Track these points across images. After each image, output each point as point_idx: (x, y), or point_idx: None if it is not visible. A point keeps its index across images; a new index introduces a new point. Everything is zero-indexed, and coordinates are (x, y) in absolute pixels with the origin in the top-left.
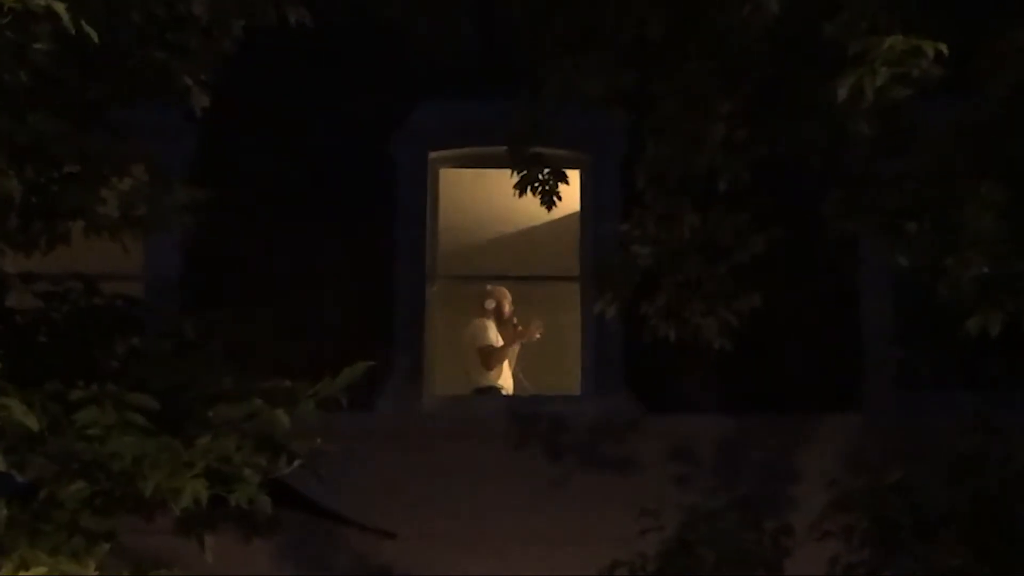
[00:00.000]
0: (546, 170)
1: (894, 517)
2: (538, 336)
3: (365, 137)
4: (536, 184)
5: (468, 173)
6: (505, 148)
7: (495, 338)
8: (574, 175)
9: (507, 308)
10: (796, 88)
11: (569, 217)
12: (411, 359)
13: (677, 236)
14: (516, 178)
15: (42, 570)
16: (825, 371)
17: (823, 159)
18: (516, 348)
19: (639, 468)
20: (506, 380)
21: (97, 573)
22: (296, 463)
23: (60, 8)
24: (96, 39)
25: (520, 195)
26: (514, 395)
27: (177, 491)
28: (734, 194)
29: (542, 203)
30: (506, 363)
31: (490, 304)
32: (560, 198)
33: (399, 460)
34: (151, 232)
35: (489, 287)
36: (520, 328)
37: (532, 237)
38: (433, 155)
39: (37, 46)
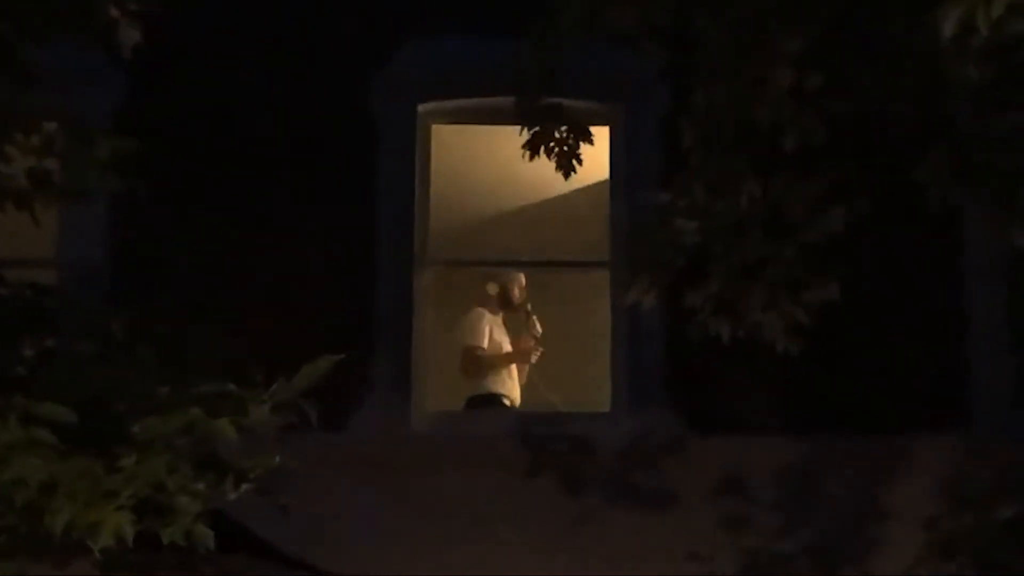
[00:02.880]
0: (564, 127)
1: (1008, 563)
2: (536, 337)
3: (336, 85)
4: (552, 144)
5: (467, 131)
6: (513, 99)
7: (490, 335)
8: (601, 133)
9: (517, 294)
10: (884, 22)
11: (596, 186)
12: (395, 365)
13: (732, 208)
14: (526, 137)
15: None
16: (920, 381)
17: (919, 112)
18: (530, 348)
19: (683, 502)
20: (511, 388)
21: None
22: (245, 487)
23: None
24: None
25: (531, 158)
26: (525, 410)
27: (96, 526)
28: (805, 156)
29: (558, 168)
30: (513, 367)
31: (493, 289)
32: (581, 162)
33: (379, 491)
34: (68, 201)
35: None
36: (534, 320)
37: (548, 212)
38: (423, 108)
39: None
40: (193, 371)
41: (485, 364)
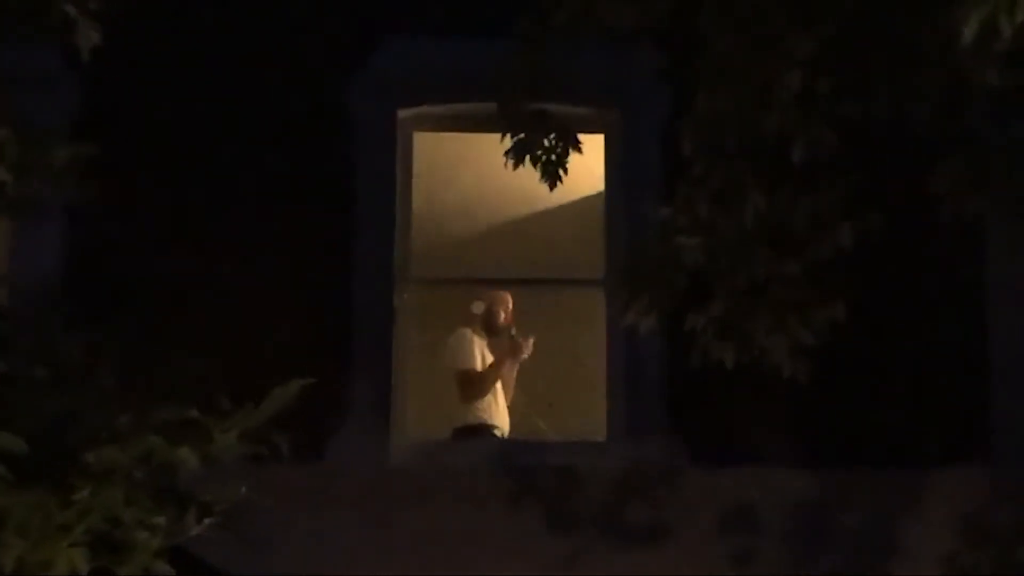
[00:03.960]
0: (551, 134)
1: None
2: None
3: (309, 89)
4: (540, 153)
5: (451, 138)
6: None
7: (481, 357)
8: (596, 141)
9: (503, 316)
10: (900, 24)
11: (590, 199)
12: (373, 390)
13: (736, 223)
14: (509, 144)
15: None
16: (937, 410)
17: (936, 119)
18: (514, 371)
19: (684, 540)
20: (500, 416)
21: None
22: (208, 521)
23: None
24: None
25: (515, 167)
26: (512, 439)
27: (48, 564)
28: (814, 166)
29: (543, 178)
30: (500, 392)
31: (478, 307)
32: (567, 172)
33: (355, 525)
34: (21, 213)
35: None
36: (521, 342)
37: (539, 226)
38: (403, 113)
39: None
40: (155, 397)
41: (483, 384)
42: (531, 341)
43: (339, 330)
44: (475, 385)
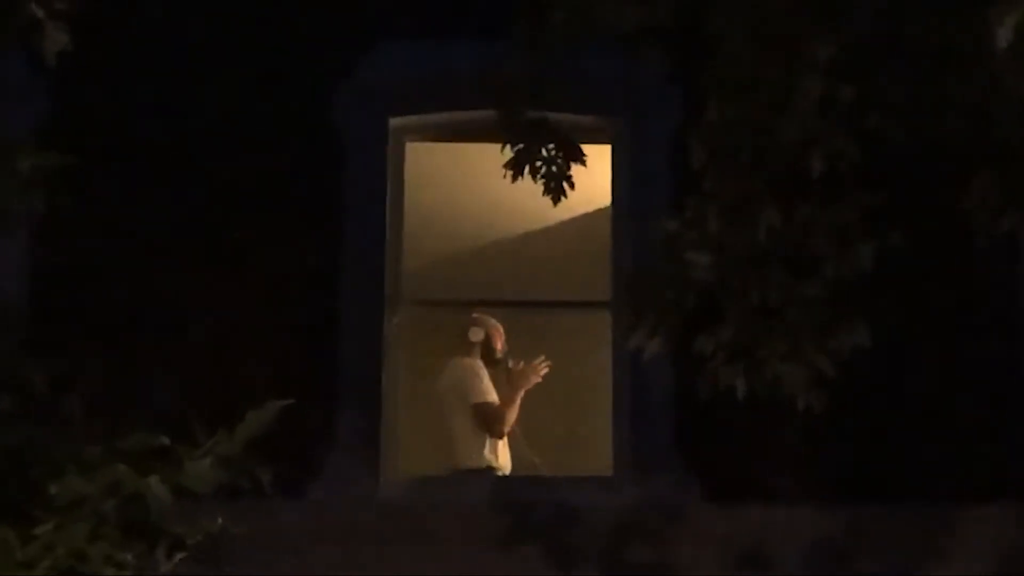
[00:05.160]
0: (552, 145)
1: None
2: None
3: (294, 96)
4: (540, 165)
5: (446, 149)
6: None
7: (492, 387)
8: (602, 152)
9: (500, 344)
10: (929, 27)
11: (595, 214)
12: (362, 420)
13: (750, 239)
14: (509, 155)
15: None
16: (966, 443)
17: (966, 129)
18: (517, 403)
19: None
20: (504, 456)
21: None
22: (180, 556)
23: None
24: None
25: (514, 179)
26: (512, 475)
27: None
28: (834, 179)
29: (546, 192)
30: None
31: (477, 335)
32: (573, 186)
33: (341, 567)
34: None
35: (475, 314)
36: (521, 369)
37: (541, 244)
38: (395, 122)
39: None
40: (124, 425)
41: (508, 417)
42: (542, 366)
43: (325, 355)
44: (502, 419)
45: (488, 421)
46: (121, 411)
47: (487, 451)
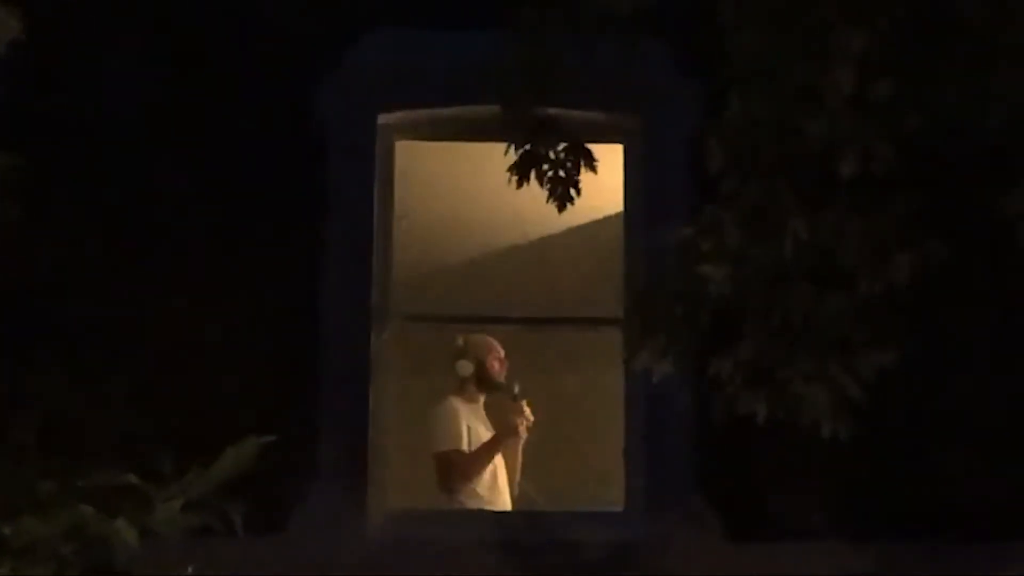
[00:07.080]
0: (560, 146)
1: None
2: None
3: (275, 90)
4: (546, 168)
5: (440, 149)
6: (498, 108)
7: (468, 433)
8: (613, 152)
9: (496, 366)
10: (971, 16)
11: (606, 221)
12: (346, 450)
13: (772, 250)
14: (514, 158)
15: None
16: (1011, 473)
17: (1011, 130)
18: (520, 435)
19: None
20: (498, 501)
21: None
22: None
23: None
24: None
25: (519, 185)
26: (513, 511)
27: None
28: (866, 184)
29: (551, 198)
30: (501, 470)
31: (465, 369)
32: (579, 191)
33: None
34: None
35: (461, 340)
36: (506, 422)
37: (545, 254)
38: (384, 119)
39: None
40: (86, 460)
41: (471, 470)
42: (526, 409)
43: (306, 377)
44: (458, 470)
45: (442, 473)
46: (79, 440)
47: (465, 497)
